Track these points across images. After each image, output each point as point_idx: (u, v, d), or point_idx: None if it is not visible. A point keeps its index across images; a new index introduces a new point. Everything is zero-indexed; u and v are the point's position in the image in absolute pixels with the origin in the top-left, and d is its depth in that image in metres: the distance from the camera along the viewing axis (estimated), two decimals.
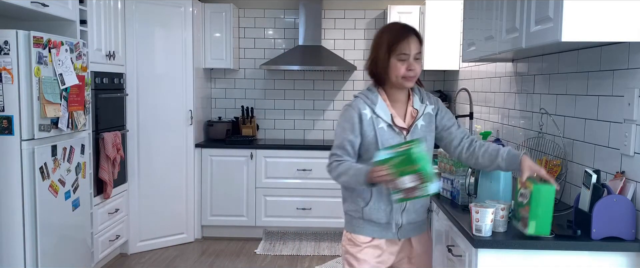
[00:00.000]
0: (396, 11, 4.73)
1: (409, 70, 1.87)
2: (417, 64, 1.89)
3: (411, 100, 1.98)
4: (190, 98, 4.51)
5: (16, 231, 2.77)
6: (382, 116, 1.91)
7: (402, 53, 1.86)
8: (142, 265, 4.07)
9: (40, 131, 2.84)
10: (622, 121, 1.92)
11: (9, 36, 2.67)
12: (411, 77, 1.88)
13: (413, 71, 1.87)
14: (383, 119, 1.91)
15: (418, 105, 1.97)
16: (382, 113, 1.92)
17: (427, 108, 1.98)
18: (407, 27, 1.91)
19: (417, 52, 1.88)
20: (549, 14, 1.82)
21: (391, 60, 1.87)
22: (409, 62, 1.87)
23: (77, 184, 3.25)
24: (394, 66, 1.87)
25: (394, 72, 1.88)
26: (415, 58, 1.88)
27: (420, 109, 1.97)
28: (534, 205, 1.73)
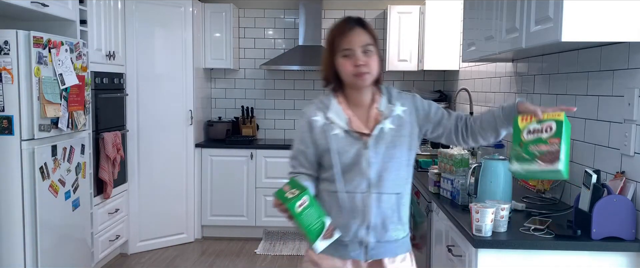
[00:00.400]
0: (396, 11, 4.73)
1: (356, 66, 1.62)
2: (367, 58, 1.63)
3: (376, 102, 1.72)
4: (190, 98, 4.51)
5: (16, 231, 2.77)
6: (336, 121, 1.68)
7: (344, 49, 1.64)
8: (142, 265, 4.07)
9: (40, 131, 2.84)
10: (622, 121, 1.92)
11: (9, 36, 2.67)
12: (363, 73, 1.63)
13: (364, 66, 1.63)
14: (337, 125, 1.68)
15: (384, 107, 1.70)
16: (336, 117, 1.69)
17: (395, 110, 1.70)
18: (348, 19, 1.68)
19: (364, 45, 1.63)
20: (549, 14, 1.82)
21: (337, 59, 1.66)
22: (356, 57, 1.63)
23: (77, 184, 3.25)
24: (341, 65, 1.65)
25: (343, 72, 1.66)
26: (364, 51, 1.64)
27: (387, 111, 1.69)
28: (566, 136, 1.55)
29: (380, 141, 1.66)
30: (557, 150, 1.54)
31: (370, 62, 1.64)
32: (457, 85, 4.55)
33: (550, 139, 1.55)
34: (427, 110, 1.75)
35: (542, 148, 1.56)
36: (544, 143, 1.56)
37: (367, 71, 1.63)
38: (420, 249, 2.93)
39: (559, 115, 1.55)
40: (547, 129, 1.56)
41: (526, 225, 1.95)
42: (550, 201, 2.38)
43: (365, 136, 1.67)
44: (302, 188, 1.54)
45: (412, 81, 5.15)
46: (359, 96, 1.72)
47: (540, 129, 1.57)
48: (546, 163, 1.55)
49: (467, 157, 2.41)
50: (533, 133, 1.58)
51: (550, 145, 1.55)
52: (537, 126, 1.58)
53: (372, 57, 1.64)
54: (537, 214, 2.13)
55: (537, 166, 1.57)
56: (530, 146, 1.58)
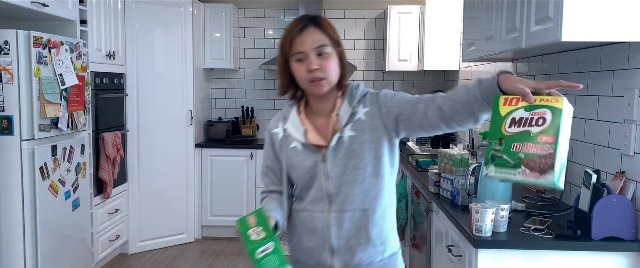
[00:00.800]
0: (396, 11, 4.73)
1: (310, 71, 1.41)
2: (323, 61, 1.42)
3: (337, 107, 1.49)
4: (190, 98, 4.51)
5: (16, 231, 2.77)
6: (292, 133, 1.51)
7: (296, 53, 1.43)
8: (142, 265, 4.07)
9: (40, 131, 2.84)
10: (622, 121, 1.92)
11: (9, 36, 2.67)
12: (318, 78, 1.42)
13: (319, 71, 1.41)
14: (294, 137, 1.50)
15: (344, 111, 1.48)
16: (293, 129, 1.51)
17: (358, 113, 1.47)
18: (302, 18, 1.48)
19: (319, 46, 1.42)
20: (549, 14, 1.82)
21: (291, 65, 1.46)
22: (309, 61, 1.42)
23: (77, 184, 3.25)
24: (295, 71, 1.46)
25: (298, 79, 1.46)
26: (319, 53, 1.42)
27: (346, 116, 1.47)
28: (565, 133, 1.12)
29: (339, 151, 1.46)
30: (551, 155, 1.09)
31: (326, 65, 1.42)
32: (457, 85, 4.55)
33: (542, 136, 1.11)
34: (389, 105, 1.46)
35: (529, 148, 1.12)
36: (532, 141, 1.12)
37: (323, 75, 1.42)
38: (420, 249, 2.93)
39: (556, 100, 1.12)
40: (539, 121, 1.12)
41: (526, 225, 1.95)
42: (550, 201, 2.38)
43: (323, 149, 1.47)
44: (268, 232, 1.33)
45: (412, 81, 5.15)
46: (320, 104, 1.52)
47: (529, 119, 1.14)
48: (533, 172, 1.11)
49: (467, 157, 2.42)
50: (519, 123, 1.15)
51: (541, 147, 1.11)
52: (525, 113, 1.14)
53: (329, 59, 1.43)
54: (537, 214, 2.13)
55: (520, 176, 1.12)
56: (513, 143, 1.14)
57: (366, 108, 1.48)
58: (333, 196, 1.48)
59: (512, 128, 1.16)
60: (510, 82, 1.20)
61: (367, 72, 5.20)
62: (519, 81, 1.18)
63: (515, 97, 1.17)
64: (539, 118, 1.13)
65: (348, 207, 1.47)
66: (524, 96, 1.15)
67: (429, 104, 1.40)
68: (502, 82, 1.22)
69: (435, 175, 2.56)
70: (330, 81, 1.45)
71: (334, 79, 1.46)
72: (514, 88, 1.18)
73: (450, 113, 1.35)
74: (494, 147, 1.17)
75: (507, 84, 1.20)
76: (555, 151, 1.09)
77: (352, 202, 1.47)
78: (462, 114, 1.33)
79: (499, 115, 1.18)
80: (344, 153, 1.45)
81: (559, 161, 1.09)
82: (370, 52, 5.18)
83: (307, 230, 1.52)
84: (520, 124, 1.15)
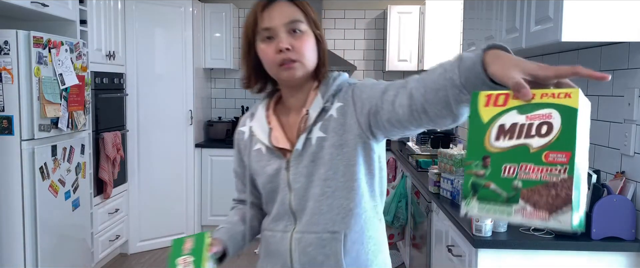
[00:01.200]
0: (396, 11, 4.74)
1: (279, 51, 1.13)
2: (295, 40, 1.15)
3: (309, 102, 1.21)
4: (190, 98, 4.51)
5: (16, 231, 2.77)
6: (257, 133, 1.26)
7: (263, 29, 1.15)
8: (142, 265, 4.07)
9: (40, 131, 2.84)
10: (622, 121, 1.92)
11: (9, 35, 2.67)
12: (290, 60, 1.14)
13: (292, 52, 1.14)
14: (259, 138, 1.25)
15: (316, 107, 1.19)
16: (258, 128, 1.26)
17: (330, 109, 1.18)
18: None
19: (290, 21, 1.15)
20: (549, 14, 1.82)
21: (257, 47, 1.19)
22: (279, 39, 1.14)
23: (77, 184, 3.25)
24: (262, 55, 1.18)
25: (265, 63, 1.19)
26: (292, 30, 1.15)
27: (315, 112, 1.18)
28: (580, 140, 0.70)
29: (305, 157, 1.18)
30: (565, 183, 0.68)
31: (300, 45, 1.15)
32: None
33: (549, 152, 0.70)
34: (363, 98, 1.14)
35: (530, 172, 0.71)
36: (533, 160, 0.71)
37: (296, 57, 1.14)
38: (420, 249, 2.93)
39: (567, 95, 0.70)
40: (542, 129, 0.71)
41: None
42: None
43: (288, 153, 1.21)
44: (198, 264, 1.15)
45: None
46: (292, 96, 1.24)
47: (527, 127, 0.72)
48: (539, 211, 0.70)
49: None
50: (510, 133, 0.73)
51: (548, 169, 0.70)
52: (519, 118, 0.73)
53: (304, 39, 1.16)
54: None
55: (519, 215, 0.72)
56: (505, 165, 0.73)
57: (340, 103, 1.18)
58: (297, 213, 1.21)
59: (501, 140, 0.73)
60: (501, 65, 0.78)
61: (367, 72, 5.20)
62: (512, 65, 0.76)
63: (503, 93, 0.74)
64: (542, 123, 0.70)
65: (313, 228, 1.19)
66: (516, 90, 0.72)
67: (399, 90, 1.04)
68: (490, 63, 0.81)
69: (435, 175, 2.56)
70: (304, 65, 1.16)
71: (310, 63, 1.17)
72: (503, 76, 0.76)
73: (421, 103, 0.97)
74: (475, 171, 0.75)
75: (496, 68, 0.79)
76: (571, 175, 0.67)
77: (319, 222, 1.18)
78: (436, 105, 0.94)
79: (479, 121, 0.75)
80: (310, 159, 1.17)
81: (578, 190, 0.68)
82: (370, 52, 5.18)
83: (270, 254, 1.28)
84: (512, 134, 0.72)
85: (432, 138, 3.81)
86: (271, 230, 1.27)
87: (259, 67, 1.22)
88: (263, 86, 1.28)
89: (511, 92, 0.73)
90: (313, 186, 1.18)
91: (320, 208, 1.18)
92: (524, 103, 0.73)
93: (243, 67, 1.25)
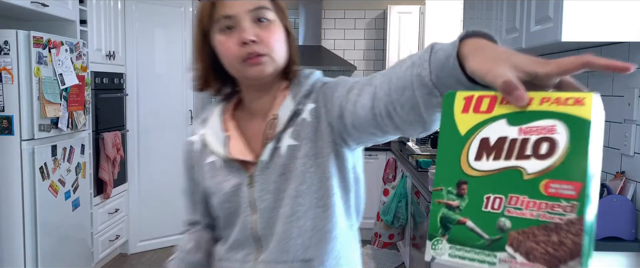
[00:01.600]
0: (396, 11, 4.74)
1: (243, 44, 0.93)
2: (262, 31, 0.95)
3: (276, 105, 1.01)
4: (190, 98, 4.51)
5: (16, 231, 2.77)
6: (210, 142, 1.05)
7: (222, 17, 0.95)
8: (142, 265, 4.07)
9: (40, 131, 2.84)
10: (622, 121, 1.92)
11: (9, 35, 2.67)
12: (257, 54, 0.93)
13: (258, 44, 0.93)
14: (213, 148, 1.04)
15: (286, 109, 0.99)
16: (212, 137, 1.05)
17: (303, 112, 0.98)
18: None
19: (256, 8, 0.95)
20: (549, 14, 1.82)
21: (213, 39, 0.98)
22: (242, 28, 0.93)
23: (77, 184, 3.25)
24: (220, 48, 0.97)
25: (224, 58, 0.98)
26: (258, 19, 0.95)
27: (285, 116, 0.98)
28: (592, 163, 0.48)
29: (273, 170, 0.97)
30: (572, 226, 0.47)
31: (267, 37, 0.95)
32: None
33: (551, 181, 0.49)
34: (334, 97, 0.95)
35: (523, 207, 0.50)
36: (528, 191, 0.50)
37: (263, 51, 0.94)
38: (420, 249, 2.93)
39: (578, 100, 0.49)
40: (542, 148, 0.50)
41: None
42: None
43: (251, 166, 1.00)
44: None
45: None
46: (258, 98, 1.03)
47: (520, 143, 0.51)
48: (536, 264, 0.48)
49: None
50: (497, 151, 0.52)
51: (548, 205, 0.48)
52: (509, 130, 0.52)
53: (272, 29, 0.96)
54: None
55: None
56: (487, 195, 0.52)
57: (312, 104, 0.98)
58: (262, 239, 1.01)
59: (484, 160, 0.52)
60: (484, 58, 0.56)
61: (367, 72, 5.20)
62: (500, 59, 0.54)
63: (488, 95, 0.53)
64: (541, 140, 0.49)
65: (282, 256, 0.98)
66: (506, 92, 0.51)
67: (364, 88, 0.85)
68: (469, 56, 0.59)
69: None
70: (274, 59, 0.96)
71: (280, 58, 0.98)
72: (487, 73, 0.54)
73: (385, 105, 0.77)
74: (446, 200, 0.54)
75: (476, 63, 0.57)
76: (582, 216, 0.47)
77: (288, 249, 0.98)
78: (402, 108, 0.73)
79: (454, 132, 0.54)
80: (279, 172, 0.97)
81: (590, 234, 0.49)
82: (370, 52, 5.18)
83: None
84: (499, 153, 0.51)
85: (432, 138, 3.81)
86: (228, 260, 1.06)
87: (217, 64, 1.00)
88: (221, 87, 1.07)
89: (498, 94, 0.52)
90: (282, 205, 0.97)
91: (291, 231, 0.97)
92: (517, 110, 0.51)
93: (196, 65, 1.03)
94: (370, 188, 4.57)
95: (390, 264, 3.95)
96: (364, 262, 1.32)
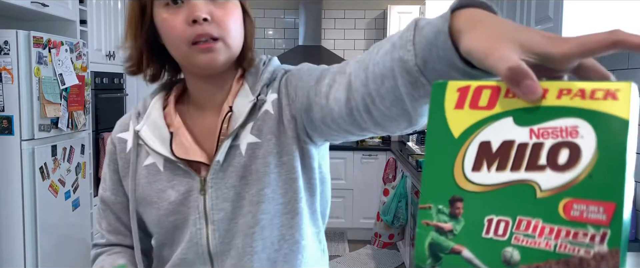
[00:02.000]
0: (396, 11, 4.74)
1: (191, 23, 0.77)
2: (215, 8, 0.78)
3: (231, 95, 0.86)
4: None
5: (16, 231, 2.77)
6: (149, 141, 0.86)
7: None
8: None
9: (40, 131, 2.84)
10: None
11: (9, 35, 2.67)
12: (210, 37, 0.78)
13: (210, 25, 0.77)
14: (152, 148, 0.86)
15: (243, 102, 0.85)
16: (152, 133, 0.86)
17: (265, 104, 0.84)
18: None
19: None
20: (549, 14, 1.82)
21: (156, 13, 0.82)
22: (192, 4, 0.77)
23: (77, 184, 3.25)
24: (163, 26, 0.81)
25: (168, 41, 0.82)
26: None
27: (243, 109, 0.84)
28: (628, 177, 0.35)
29: (230, 173, 0.83)
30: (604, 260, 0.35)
31: (223, 16, 0.79)
32: None
33: (574, 201, 0.35)
34: (297, 86, 0.83)
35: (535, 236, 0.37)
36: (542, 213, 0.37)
37: (217, 33, 0.78)
38: None
39: (610, 92, 0.36)
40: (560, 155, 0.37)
41: None
42: None
43: (203, 169, 0.84)
44: None
45: None
46: (207, 90, 0.87)
47: (531, 149, 0.38)
48: None
49: None
50: (499, 161, 0.39)
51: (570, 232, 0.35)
52: (519, 131, 0.38)
53: (229, 8, 0.80)
54: None
55: None
56: (489, 217, 0.38)
57: (274, 95, 0.85)
58: (215, 257, 0.85)
59: (484, 171, 0.39)
60: (482, 34, 0.44)
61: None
62: (503, 35, 0.42)
63: (488, 85, 0.41)
64: (560, 145, 0.37)
65: None
66: (513, 81, 0.38)
67: (336, 77, 0.72)
68: (464, 31, 0.47)
69: None
70: (228, 46, 0.80)
71: (236, 44, 0.82)
72: (488, 54, 0.41)
73: (361, 97, 0.64)
74: (436, 222, 0.41)
75: (473, 40, 0.44)
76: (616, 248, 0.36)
77: (252, 266, 0.84)
78: (384, 99, 0.61)
79: (446, 134, 0.41)
80: (239, 175, 0.82)
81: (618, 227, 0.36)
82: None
83: None
84: (504, 161, 0.39)
85: None
86: None
87: (155, 44, 0.84)
88: (158, 71, 0.89)
89: (502, 84, 0.40)
90: (242, 214, 0.82)
91: (253, 245, 0.82)
92: (527, 105, 0.39)
93: (129, 43, 0.86)
94: (370, 188, 4.58)
95: (390, 264, 3.95)
96: (364, 262, 1.27)
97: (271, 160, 0.82)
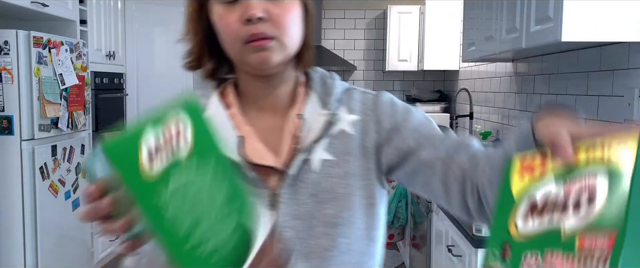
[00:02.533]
0: (396, 11, 4.74)
1: (245, 22, 0.72)
2: (272, 6, 0.73)
3: (299, 102, 0.82)
4: None
5: (16, 231, 2.77)
6: None
7: None
8: None
9: (40, 131, 2.84)
10: (622, 121, 1.92)
11: (9, 35, 2.68)
12: (262, 36, 0.72)
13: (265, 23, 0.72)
14: None
15: (313, 112, 0.80)
16: None
17: (339, 121, 0.80)
18: None
19: None
20: (549, 14, 1.82)
21: (212, 9, 0.77)
22: (246, 2, 0.72)
23: (77, 184, 3.25)
24: (219, 23, 0.76)
25: (224, 38, 0.76)
26: None
27: (316, 121, 0.79)
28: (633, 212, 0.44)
29: (303, 188, 0.76)
30: None
31: (280, 14, 0.74)
32: (457, 85, 4.55)
33: (585, 236, 0.45)
34: (407, 127, 0.80)
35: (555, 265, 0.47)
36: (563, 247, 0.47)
37: (273, 32, 0.73)
38: (420, 249, 2.94)
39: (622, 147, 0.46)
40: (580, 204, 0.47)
41: None
42: None
43: (273, 176, 0.77)
44: None
45: (412, 81, 5.15)
46: (264, 89, 0.82)
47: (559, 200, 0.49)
48: None
49: None
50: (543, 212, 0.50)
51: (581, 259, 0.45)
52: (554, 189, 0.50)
53: (287, 5, 0.75)
54: None
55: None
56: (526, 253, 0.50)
57: (355, 116, 0.81)
58: None
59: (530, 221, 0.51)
60: (548, 122, 0.56)
61: (367, 72, 5.20)
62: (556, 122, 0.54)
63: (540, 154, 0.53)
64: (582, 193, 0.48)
65: None
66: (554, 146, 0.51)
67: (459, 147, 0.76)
68: (538, 126, 0.58)
69: None
70: (284, 45, 0.75)
71: (293, 43, 0.77)
72: (544, 133, 0.54)
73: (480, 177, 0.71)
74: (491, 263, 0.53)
75: (541, 128, 0.57)
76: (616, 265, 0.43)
77: None
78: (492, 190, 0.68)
79: (508, 196, 0.55)
80: (309, 192, 0.76)
81: None
82: (370, 52, 5.18)
83: None
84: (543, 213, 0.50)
85: None
86: None
87: (213, 40, 0.79)
88: (215, 69, 0.85)
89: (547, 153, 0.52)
90: (317, 236, 0.76)
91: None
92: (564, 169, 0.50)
93: (189, 38, 0.82)
94: None
95: (390, 264, 3.95)
96: None
97: (352, 183, 0.77)
